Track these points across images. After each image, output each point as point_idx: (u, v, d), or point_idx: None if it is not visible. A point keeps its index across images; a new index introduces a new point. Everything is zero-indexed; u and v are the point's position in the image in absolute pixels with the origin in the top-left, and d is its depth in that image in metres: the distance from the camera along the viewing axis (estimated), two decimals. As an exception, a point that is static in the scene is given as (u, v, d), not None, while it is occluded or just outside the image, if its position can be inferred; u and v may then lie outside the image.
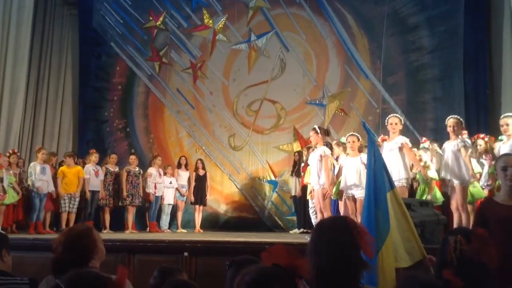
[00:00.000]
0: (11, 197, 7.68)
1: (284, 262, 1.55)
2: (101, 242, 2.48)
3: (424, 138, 7.69)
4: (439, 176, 6.19)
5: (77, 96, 11.16)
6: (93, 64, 11.10)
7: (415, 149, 6.92)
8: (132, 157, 9.11)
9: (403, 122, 6.18)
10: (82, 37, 11.14)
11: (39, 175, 7.97)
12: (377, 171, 2.95)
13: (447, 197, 6.57)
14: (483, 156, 6.44)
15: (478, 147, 6.53)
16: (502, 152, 5.37)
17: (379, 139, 6.97)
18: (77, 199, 8.37)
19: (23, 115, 9.94)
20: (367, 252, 1.83)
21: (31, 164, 8.15)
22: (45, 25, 10.96)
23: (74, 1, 11.30)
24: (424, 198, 6.49)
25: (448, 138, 5.88)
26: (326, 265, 1.77)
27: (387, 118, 6.24)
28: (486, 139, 6.69)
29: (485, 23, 9.31)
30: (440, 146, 6.51)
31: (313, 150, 6.81)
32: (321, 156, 6.38)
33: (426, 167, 6.66)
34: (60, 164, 8.84)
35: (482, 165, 6.39)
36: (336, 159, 6.92)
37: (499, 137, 6.13)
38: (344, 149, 6.85)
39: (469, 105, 9.15)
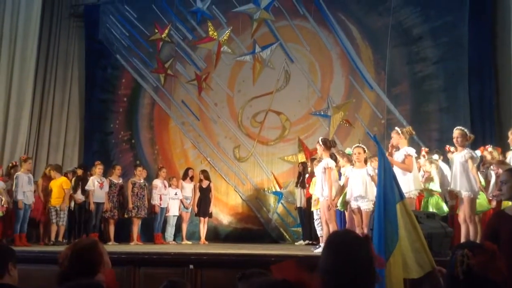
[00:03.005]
0: None
1: (293, 277, 1.53)
2: (107, 255, 2.47)
3: (423, 148, 7.63)
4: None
5: (82, 107, 11.23)
6: (98, 76, 11.18)
7: (419, 160, 6.90)
8: (139, 169, 9.12)
9: (401, 133, 6.15)
10: (88, 49, 11.24)
11: (27, 185, 7.94)
12: (387, 183, 2.96)
13: (452, 209, 6.54)
14: (492, 167, 6.40)
15: (487, 157, 6.50)
16: None
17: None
18: (63, 212, 8.27)
19: (29, 127, 9.99)
20: (378, 262, 1.81)
21: (17, 174, 7.98)
22: (51, 37, 11.07)
23: (80, 13, 11.43)
24: (428, 209, 6.45)
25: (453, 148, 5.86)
26: (340, 283, 1.74)
27: None
28: (490, 149, 6.66)
29: (490, 33, 9.29)
30: (445, 158, 6.50)
31: (319, 161, 6.80)
32: (324, 168, 6.38)
33: (429, 179, 6.63)
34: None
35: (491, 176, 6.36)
36: (339, 170, 6.89)
37: None
38: (348, 160, 6.84)
39: (474, 116, 9.10)
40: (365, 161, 6.43)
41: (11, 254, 2.70)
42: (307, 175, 8.47)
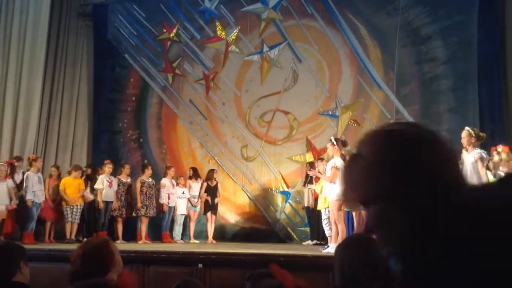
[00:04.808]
0: None
1: (290, 282, 1.56)
2: (118, 254, 2.49)
3: None
4: None
5: (91, 107, 11.29)
6: (107, 75, 11.24)
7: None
8: (148, 167, 9.18)
9: None
10: (97, 49, 11.30)
11: (37, 185, 8.03)
12: None
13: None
14: (500, 168, 6.35)
15: (495, 158, 6.45)
16: None
17: None
18: (79, 210, 8.46)
19: (37, 127, 10.05)
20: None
21: (27, 174, 8.09)
22: (59, 36, 11.12)
23: (88, 13, 11.49)
24: None
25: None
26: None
27: None
28: (499, 149, 6.61)
29: (499, 33, 9.22)
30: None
31: (327, 161, 6.80)
32: (332, 167, 6.37)
33: None
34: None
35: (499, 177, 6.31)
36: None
37: None
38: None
39: (484, 116, 9.02)
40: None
41: (22, 252, 2.72)
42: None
